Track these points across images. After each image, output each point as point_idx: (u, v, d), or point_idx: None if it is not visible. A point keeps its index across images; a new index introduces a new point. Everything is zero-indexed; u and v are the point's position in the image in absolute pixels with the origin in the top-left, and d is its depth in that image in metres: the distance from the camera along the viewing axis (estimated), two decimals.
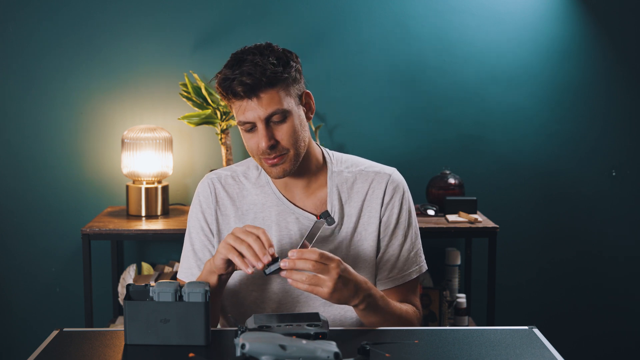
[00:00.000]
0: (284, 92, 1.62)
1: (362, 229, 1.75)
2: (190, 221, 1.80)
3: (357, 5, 3.00)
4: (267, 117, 1.61)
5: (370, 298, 1.58)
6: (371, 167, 1.79)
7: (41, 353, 1.45)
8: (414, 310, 1.74)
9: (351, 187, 1.76)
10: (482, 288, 2.89)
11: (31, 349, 1.70)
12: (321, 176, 1.76)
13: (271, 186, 1.76)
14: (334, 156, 1.80)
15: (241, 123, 1.64)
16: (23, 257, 3.05)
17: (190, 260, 1.78)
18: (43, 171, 3.02)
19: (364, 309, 1.59)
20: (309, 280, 1.49)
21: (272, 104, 1.61)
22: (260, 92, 1.60)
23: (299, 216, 1.73)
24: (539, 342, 1.51)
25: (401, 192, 1.77)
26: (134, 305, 1.46)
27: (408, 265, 1.76)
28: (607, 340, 3.18)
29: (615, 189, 3.11)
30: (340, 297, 1.52)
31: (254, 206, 1.76)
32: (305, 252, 1.49)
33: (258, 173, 1.78)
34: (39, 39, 2.97)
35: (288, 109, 1.63)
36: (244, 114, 1.62)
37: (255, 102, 1.60)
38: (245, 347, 1.29)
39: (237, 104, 1.63)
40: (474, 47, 3.02)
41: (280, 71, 1.60)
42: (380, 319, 1.63)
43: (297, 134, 1.66)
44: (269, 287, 1.73)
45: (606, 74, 3.07)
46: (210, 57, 2.98)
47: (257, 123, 1.62)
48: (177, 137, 3.00)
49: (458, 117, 3.05)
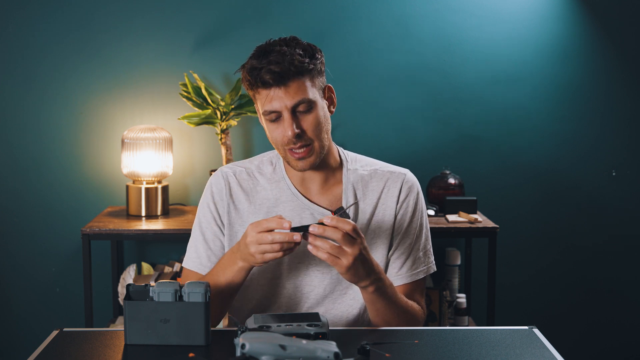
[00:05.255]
0: (310, 83, 1.65)
1: (375, 227, 1.76)
2: (202, 211, 1.79)
3: (357, 5, 3.00)
4: (294, 106, 1.63)
5: (380, 282, 1.60)
6: (386, 167, 1.82)
7: (41, 353, 1.45)
8: (419, 308, 1.75)
9: (366, 185, 1.77)
10: (482, 288, 2.89)
11: (31, 349, 1.70)
12: (337, 173, 1.78)
13: (286, 181, 1.76)
14: (349, 155, 1.82)
15: (267, 112, 1.65)
16: (23, 257, 3.05)
17: (200, 250, 1.77)
18: (43, 171, 3.02)
19: (373, 291, 1.60)
20: (332, 250, 1.49)
21: (299, 93, 1.63)
22: (288, 81, 1.62)
23: (314, 212, 1.74)
24: (539, 342, 1.51)
25: (415, 192, 1.80)
26: (134, 305, 1.46)
27: (417, 265, 1.77)
28: (607, 340, 3.18)
29: (615, 189, 3.11)
30: (355, 274, 1.54)
31: (267, 201, 1.76)
32: (340, 222, 1.49)
33: (272, 168, 1.79)
34: (39, 39, 2.97)
35: (314, 100, 1.66)
36: (271, 103, 1.64)
37: (283, 91, 1.62)
38: (245, 347, 1.29)
39: (264, 93, 1.64)
40: (474, 47, 3.02)
41: (307, 62, 1.64)
42: (386, 307, 1.64)
43: (322, 126, 1.68)
44: (279, 282, 1.74)
45: (606, 74, 3.07)
46: (210, 57, 2.99)
47: (283, 112, 1.64)
48: (177, 137, 3.00)
49: (458, 117, 3.05)
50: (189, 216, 2.83)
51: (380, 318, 1.66)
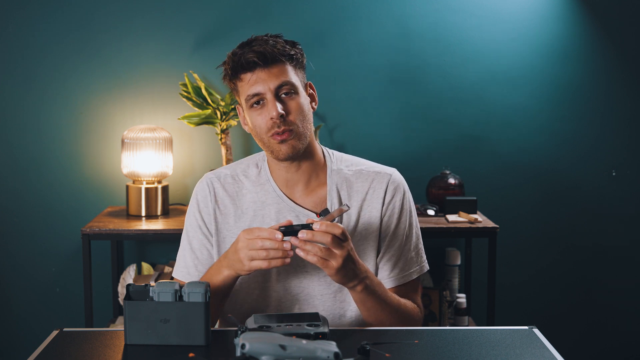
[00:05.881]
0: (293, 70, 1.68)
1: (362, 229, 1.75)
2: (188, 220, 1.80)
3: (357, 5, 3.00)
4: (277, 87, 1.65)
5: (368, 280, 1.60)
6: (371, 167, 1.80)
7: (41, 353, 1.45)
8: (413, 306, 1.74)
9: (351, 186, 1.76)
10: (482, 288, 2.89)
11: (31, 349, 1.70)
12: (321, 174, 1.77)
13: (271, 184, 1.76)
14: (334, 155, 1.81)
15: (250, 97, 1.66)
16: (23, 257, 3.05)
17: (187, 259, 1.78)
18: (43, 171, 3.02)
19: (362, 290, 1.60)
20: (322, 253, 1.50)
21: (281, 76, 1.66)
22: (271, 63, 1.65)
23: (299, 214, 1.74)
24: (539, 342, 1.51)
25: (402, 192, 1.77)
26: (134, 305, 1.46)
27: (409, 266, 1.76)
28: (607, 340, 3.18)
29: (615, 189, 3.11)
30: (345, 274, 1.54)
31: (253, 204, 1.76)
32: (329, 226, 1.50)
33: (258, 171, 1.79)
34: (39, 39, 2.97)
35: (296, 85, 1.68)
36: (254, 86, 1.65)
37: (266, 73, 1.65)
38: (245, 347, 1.29)
39: (246, 78, 1.66)
40: (474, 47, 3.02)
41: (289, 48, 1.67)
42: (377, 306, 1.64)
43: (304, 113, 1.69)
44: (269, 286, 1.74)
45: (606, 74, 3.07)
46: (210, 57, 2.98)
47: (266, 94, 1.65)
48: (177, 137, 3.01)
49: (458, 117, 3.05)
50: None
51: (373, 317, 1.66)
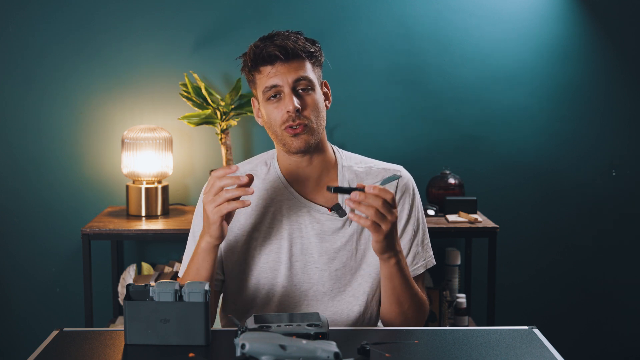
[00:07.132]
0: (311, 67, 1.71)
1: None
2: (195, 220, 1.80)
3: (357, 5, 3.00)
4: (295, 81, 1.67)
5: (401, 255, 1.63)
6: (380, 165, 1.83)
7: (41, 353, 1.45)
8: (425, 297, 1.77)
9: (362, 182, 1.78)
10: (482, 288, 2.89)
11: (31, 349, 1.70)
12: (332, 170, 1.78)
13: (282, 180, 1.77)
14: (343, 153, 1.83)
15: (267, 89, 1.68)
16: (23, 257, 3.05)
17: None
18: (43, 171, 3.02)
19: (395, 264, 1.62)
20: (375, 217, 1.51)
21: (300, 71, 1.68)
22: (291, 58, 1.67)
23: (310, 209, 1.74)
24: (539, 342, 1.51)
25: (411, 188, 1.80)
26: (134, 305, 1.46)
27: (416, 260, 1.79)
28: (607, 340, 3.18)
29: (615, 189, 3.11)
30: (388, 243, 1.56)
31: (263, 201, 1.76)
32: (382, 190, 1.51)
33: (267, 169, 1.79)
34: (39, 39, 2.97)
35: (314, 81, 1.70)
36: (273, 78, 1.67)
37: (285, 67, 1.67)
38: (245, 347, 1.29)
39: (266, 71, 1.68)
40: (474, 47, 3.02)
41: (310, 45, 1.70)
42: (402, 285, 1.65)
43: (319, 111, 1.71)
44: (277, 282, 1.74)
45: (606, 74, 3.07)
46: (210, 57, 2.99)
47: (284, 88, 1.67)
48: (177, 137, 3.01)
49: (458, 117, 3.05)
50: (189, 216, 2.83)
51: (394, 297, 1.67)
